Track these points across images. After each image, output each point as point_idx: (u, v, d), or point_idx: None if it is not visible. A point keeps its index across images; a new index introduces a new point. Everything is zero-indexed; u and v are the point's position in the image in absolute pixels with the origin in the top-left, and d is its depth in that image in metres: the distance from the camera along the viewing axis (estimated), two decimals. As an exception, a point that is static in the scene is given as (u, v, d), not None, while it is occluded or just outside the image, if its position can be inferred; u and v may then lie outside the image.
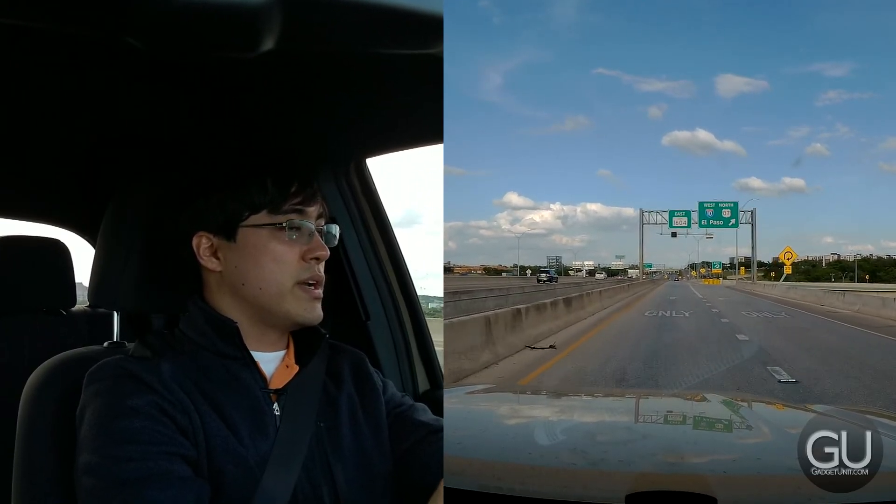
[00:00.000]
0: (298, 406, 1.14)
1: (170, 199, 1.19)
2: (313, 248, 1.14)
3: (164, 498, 0.97)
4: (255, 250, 1.13)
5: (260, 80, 1.24)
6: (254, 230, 1.14)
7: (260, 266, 1.13)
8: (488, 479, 0.98)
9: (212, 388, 1.09)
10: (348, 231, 1.71)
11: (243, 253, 1.14)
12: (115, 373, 1.07)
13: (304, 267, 1.14)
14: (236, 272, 1.14)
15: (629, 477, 0.96)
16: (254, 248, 1.13)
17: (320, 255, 1.15)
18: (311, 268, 1.14)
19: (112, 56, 1.10)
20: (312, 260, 1.14)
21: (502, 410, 1.59)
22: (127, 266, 1.21)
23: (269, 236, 1.13)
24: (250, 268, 1.13)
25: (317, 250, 1.15)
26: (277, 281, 1.13)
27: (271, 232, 1.13)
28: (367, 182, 1.74)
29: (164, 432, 1.02)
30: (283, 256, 1.13)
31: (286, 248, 1.13)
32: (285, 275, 1.13)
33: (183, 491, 0.99)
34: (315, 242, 1.15)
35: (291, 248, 1.14)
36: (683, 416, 1.49)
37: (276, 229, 1.13)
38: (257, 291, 1.13)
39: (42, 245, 2.10)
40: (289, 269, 1.13)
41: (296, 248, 1.14)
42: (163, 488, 0.98)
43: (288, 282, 1.13)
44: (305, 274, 1.14)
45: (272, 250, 1.13)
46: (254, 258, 1.13)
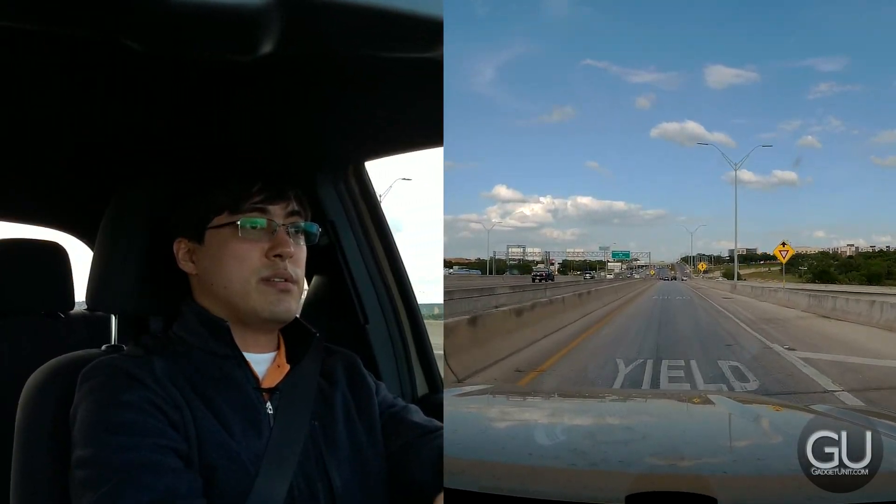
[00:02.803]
0: (292, 404, 1.15)
1: (165, 204, 1.22)
2: (276, 245, 1.15)
3: (157, 484, 0.98)
4: (218, 250, 1.16)
5: (258, 83, 1.24)
6: (216, 231, 1.16)
7: (222, 265, 1.15)
8: (488, 480, 0.98)
9: (204, 385, 1.10)
10: (347, 234, 1.70)
11: (209, 254, 1.17)
12: (108, 370, 1.08)
13: (267, 264, 1.15)
14: (206, 273, 1.17)
15: (629, 477, 0.96)
16: (217, 248, 1.16)
17: (283, 252, 1.15)
18: (275, 265, 1.15)
19: (111, 58, 1.10)
20: (276, 257, 1.15)
21: (502, 411, 1.59)
22: (125, 269, 1.21)
23: (229, 235, 1.16)
24: (216, 268, 1.16)
25: (279, 247, 1.15)
26: (240, 278, 1.14)
27: (231, 231, 1.16)
28: (365, 185, 1.74)
29: (156, 426, 1.03)
30: (242, 254, 1.15)
31: (247, 246, 1.15)
32: (246, 271, 1.14)
33: (176, 481, 0.99)
34: (278, 239, 1.16)
35: (253, 246, 1.15)
36: (683, 417, 1.49)
37: (235, 227, 1.15)
38: (223, 290, 1.15)
39: (40, 248, 2.09)
40: (250, 265, 1.15)
41: (258, 245, 1.15)
42: (155, 477, 0.98)
43: (251, 278, 1.14)
44: (267, 271, 1.15)
45: (232, 248, 1.15)
46: (217, 258, 1.16)
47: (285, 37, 0.66)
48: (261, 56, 0.68)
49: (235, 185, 1.18)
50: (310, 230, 1.22)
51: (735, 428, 1.35)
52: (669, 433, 1.32)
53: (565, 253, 47.62)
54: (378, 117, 1.45)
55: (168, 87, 1.26)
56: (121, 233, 1.24)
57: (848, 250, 44.25)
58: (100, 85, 1.25)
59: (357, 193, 1.73)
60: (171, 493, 0.98)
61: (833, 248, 46.06)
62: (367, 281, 1.73)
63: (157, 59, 1.06)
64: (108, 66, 1.14)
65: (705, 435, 1.33)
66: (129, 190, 1.26)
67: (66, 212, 2.32)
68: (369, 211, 1.75)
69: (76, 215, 2.29)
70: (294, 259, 1.17)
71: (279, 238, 1.16)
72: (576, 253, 47.28)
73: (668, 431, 1.34)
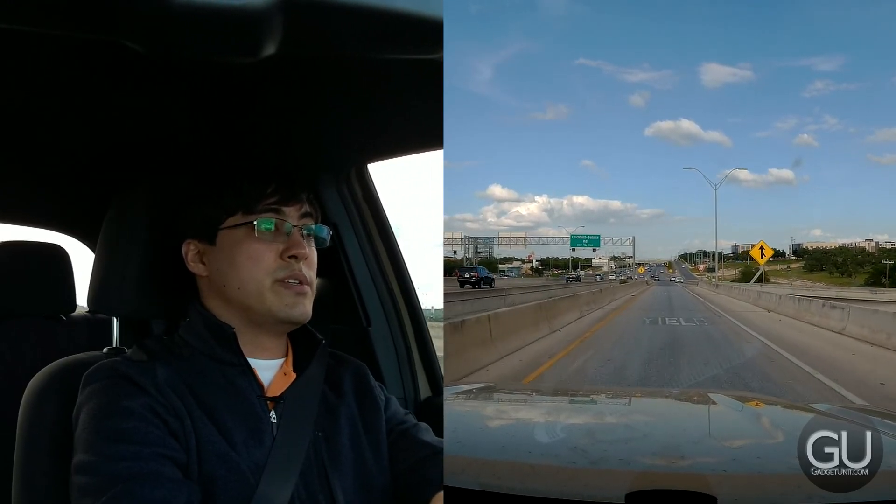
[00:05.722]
0: (296, 414, 1.14)
1: (168, 205, 1.22)
2: (291, 246, 1.15)
3: (154, 496, 0.98)
4: (232, 251, 1.15)
5: (261, 84, 1.24)
6: (230, 232, 1.16)
7: (236, 265, 1.14)
8: (488, 478, 0.98)
9: (206, 392, 1.10)
10: (349, 236, 1.71)
11: (222, 255, 1.16)
12: (111, 374, 1.08)
13: (282, 265, 1.15)
14: (218, 274, 1.16)
15: (629, 476, 0.96)
16: (230, 248, 1.15)
17: (298, 254, 1.15)
18: (290, 266, 1.15)
19: (112, 60, 1.10)
20: (291, 258, 1.15)
21: (502, 409, 1.59)
22: (127, 271, 1.21)
23: (243, 236, 1.15)
24: (229, 268, 1.15)
25: (294, 248, 1.15)
26: (255, 279, 1.14)
27: (245, 231, 1.15)
28: (368, 187, 1.75)
29: (156, 434, 1.03)
30: (258, 254, 1.14)
31: (262, 247, 1.15)
32: (261, 272, 1.14)
33: (173, 492, 0.99)
34: (293, 241, 1.16)
35: (268, 247, 1.15)
36: (684, 415, 1.50)
37: (250, 228, 1.15)
38: (237, 291, 1.15)
39: (42, 250, 2.10)
40: (265, 266, 1.14)
41: (273, 246, 1.15)
42: (153, 487, 0.98)
43: (266, 279, 1.14)
44: (283, 272, 1.15)
45: (247, 249, 1.15)
46: (231, 258, 1.15)
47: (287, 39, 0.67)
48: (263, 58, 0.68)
49: (249, 185, 1.17)
50: (320, 233, 1.22)
51: (735, 427, 1.36)
52: (669, 431, 1.33)
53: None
54: (379, 119, 1.45)
55: (170, 89, 1.26)
56: (122, 235, 1.24)
57: (867, 245, 42.72)
58: (102, 87, 1.25)
59: (359, 195, 1.73)
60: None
61: (851, 242, 43.92)
62: (370, 283, 1.73)
63: (159, 60, 1.07)
64: (110, 67, 1.14)
65: (705, 433, 1.33)
66: (131, 192, 1.27)
67: (67, 214, 2.32)
68: (372, 213, 1.75)
69: (78, 217, 2.30)
70: (308, 261, 1.17)
71: (294, 239, 1.16)
72: (548, 239, 39.67)
73: (668, 430, 1.34)
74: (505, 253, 42.71)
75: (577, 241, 34.38)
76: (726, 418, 1.44)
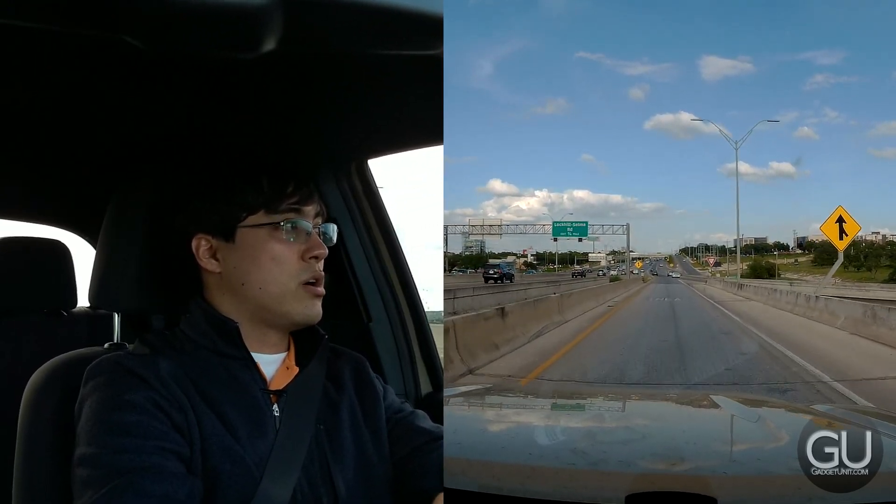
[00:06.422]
0: (298, 408, 1.14)
1: (170, 200, 1.20)
2: (312, 247, 1.15)
3: (156, 490, 0.97)
4: (254, 250, 1.14)
5: (261, 80, 1.24)
6: (252, 230, 1.14)
7: (259, 266, 1.14)
8: (488, 480, 0.98)
9: (210, 386, 1.09)
10: (350, 232, 1.71)
11: (242, 253, 1.14)
12: (113, 368, 1.08)
13: (305, 267, 1.15)
14: (236, 273, 1.15)
15: (629, 477, 0.96)
16: (252, 248, 1.14)
17: (319, 254, 1.16)
18: (312, 267, 1.15)
19: (113, 56, 1.10)
20: (312, 259, 1.15)
21: (502, 411, 1.59)
22: (128, 267, 1.21)
23: (267, 236, 1.14)
24: (250, 268, 1.14)
25: (315, 249, 1.15)
26: (279, 281, 1.13)
27: (269, 232, 1.14)
28: (368, 183, 1.74)
29: (159, 427, 1.03)
30: (281, 256, 1.14)
31: (285, 248, 1.14)
32: (286, 275, 1.14)
33: (175, 486, 0.99)
34: (313, 241, 1.16)
35: (290, 248, 1.14)
36: (683, 417, 1.49)
37: (274, 229, 1.14)
38: (257, 291, 1.14)
39: (43, 246, 2.10)
40: (289, 268, 1.14)
41: (294, 247, 1.15)
42: (155, 481, 0.98)
43: (290, 282, 1.14)
44: (306, 274, 1.15)
45: (270, 250, 1.14)
46: (253, 258, 1.14)
47: (287, 35, 0.67)
48: (263, 54, 0.68)
49: (269, 183, 1.16)
50: (331, 232, 1.22)
51: (735, 428, 1.35)
52: (669, 433, 1.32)
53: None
54: (379, 115, 1.45)
55: (170, 85, 1.26)
56: (123, 230, 1.24)
57: (875, 238, 42.13)
58: (102, 83, 1.25)
59: (360, 191, 1.73)
60: (169, 499, 0.98)
61: (858, 235, 43.32)
62: (371, 279, 1.73)
63: (159, 56, 1.06)
64: (111, 63, 1.14)
65: (705, 435, 1.33)
66: (132, 188, 1.26)
67: (68, 210, 2.32)
68: (372, 208, 1.75)
69: (78, 213, 2.30)
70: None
71: (314, 240, 1.16)
72: (538, 227, 34.94)
73: (667, 431, 1.34)
74: (498, 247, 41.19)
75: (561, 230, 29.60)
76: (726, 420, 1.44)
